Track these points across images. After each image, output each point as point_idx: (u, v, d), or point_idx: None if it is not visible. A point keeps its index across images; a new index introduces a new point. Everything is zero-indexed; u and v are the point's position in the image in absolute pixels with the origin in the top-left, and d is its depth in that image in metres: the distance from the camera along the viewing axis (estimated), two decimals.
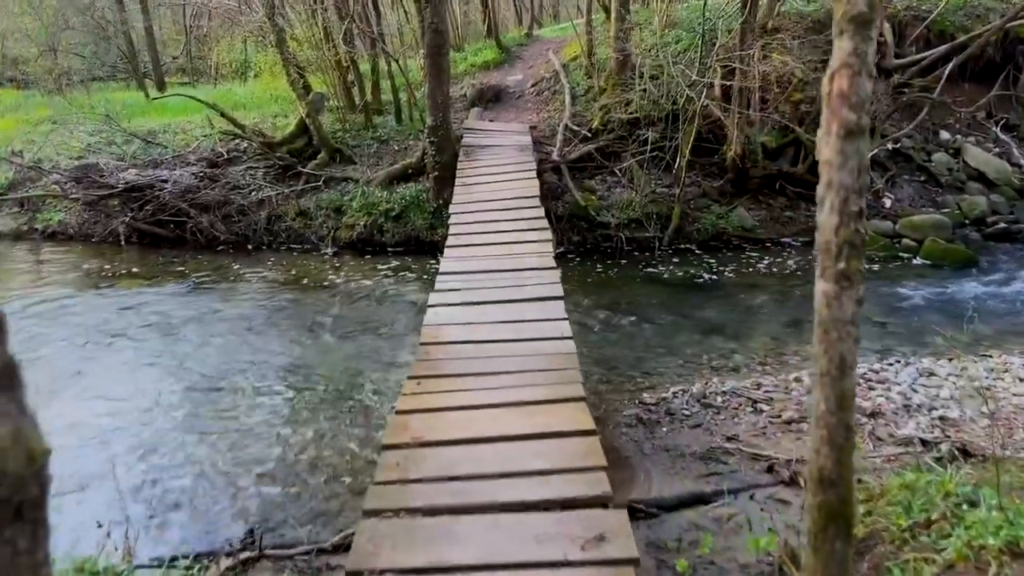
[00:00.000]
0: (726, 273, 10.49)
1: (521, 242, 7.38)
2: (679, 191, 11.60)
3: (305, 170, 12.67)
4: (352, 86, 14.26)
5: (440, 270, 7.10)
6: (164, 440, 6.03)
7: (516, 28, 23.61)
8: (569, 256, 11.29)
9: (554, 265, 6.48)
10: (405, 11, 15.20)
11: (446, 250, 7.75)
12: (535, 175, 9.98)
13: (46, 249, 12.19)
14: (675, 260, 11.10)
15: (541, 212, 8.39)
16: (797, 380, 6.65)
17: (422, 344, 5.32)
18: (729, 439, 5.47)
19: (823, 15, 14.51)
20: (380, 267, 10.94)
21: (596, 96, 13.43)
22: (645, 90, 12.15)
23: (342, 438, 5.98)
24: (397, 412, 4.26)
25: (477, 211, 8.75)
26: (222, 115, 12.78)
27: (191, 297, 9.79)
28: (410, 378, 4.72)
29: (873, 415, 5.68)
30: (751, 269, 10.60)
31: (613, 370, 7.25)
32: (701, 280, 10.24)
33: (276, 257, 11.55)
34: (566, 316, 5.63)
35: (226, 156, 13.22)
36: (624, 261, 11.08)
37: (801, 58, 12.50)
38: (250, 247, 11.93)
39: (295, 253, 11.75)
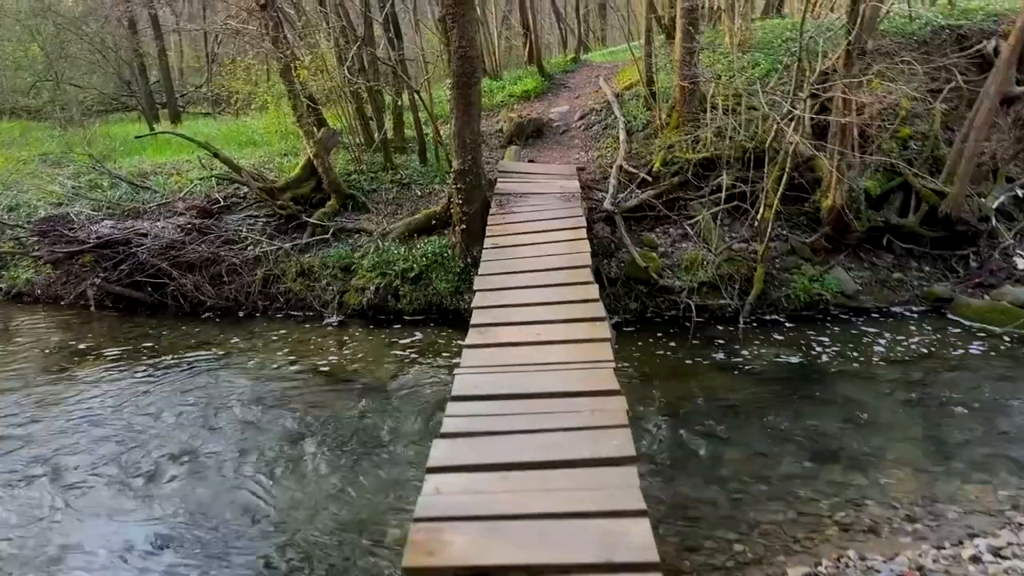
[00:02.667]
0: (828, 357, 8.56)
1: (567, 340, 5.57)
2: (762, 248, 9.71)
3: (311, 220, 11.14)
4: (370, 120, 12.75)
5: (458, 369, 5.36)
6: None
7: (561, 54, 22.08)
8: (625, 329, 9.47)
9: (617, 388, 4.65)
10: (432, 32, 13.68)
11: (468, 336, 6.01)
12: (584, 234, 8.23)
13: (8, 314, 10.79)
14: (759, 336, 9.20)
15: (594, 290, 6.61)
16: (974, 559, 4.71)
17: (415, 521, 3.54)
18: None
19: (928, 34, 12.62)
20: (393, 343, 9.29)
21: (657, 132, 11.68)
22: (719, 125, 10.34)
23: None
24: None
25: (509, 285, 7.03)
26: (215, 156, 11.35)
27: (157, 389, 8.21)
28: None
29: None
30: (860, 352, 8.64)
31: (694, 525, 5.39)
32: (797, 367, 8.32)
33: (270, 327, 9.98)
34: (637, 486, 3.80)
35: (222, 203, 11.80)
36: (694, 338, 9.19)
37: (906, 86, 10.62)
38: (241, 314, 10.40)
39: (294, 322, 10.16)
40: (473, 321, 6.12)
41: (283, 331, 9.84)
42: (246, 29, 11.23)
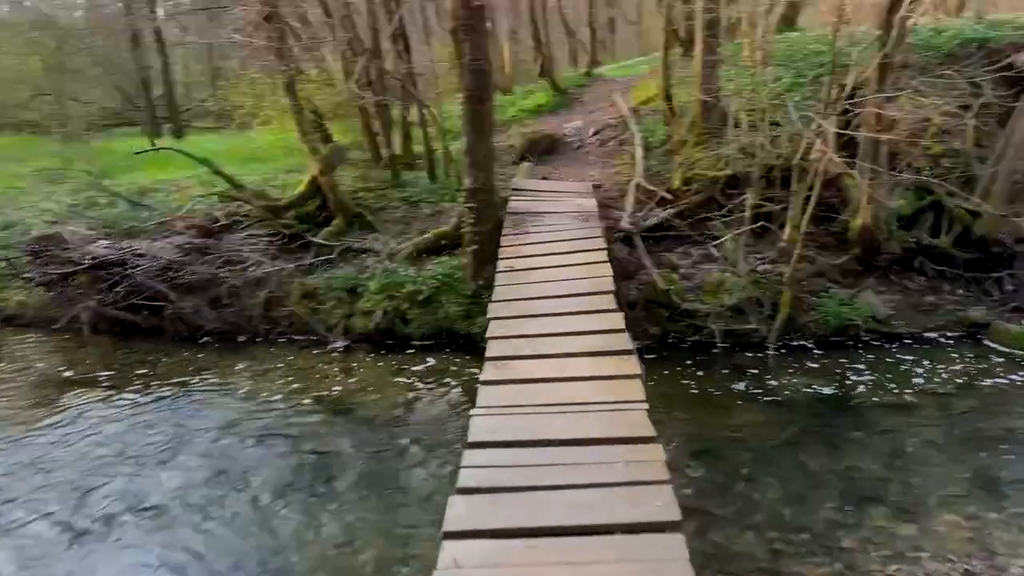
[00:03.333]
0: (864, 388, 8.13)
1: (593, 377, 5.16)
2: (790, 271, 9.30)
3: (316, 240, 10.78)
4: (377, 136, 12.42)
5: (475, 410, 4.95)
6: None
7: (572, 68, 21.77)
8: (646, 356, 9.04)
9: (653, 434, 4.24)
10: (442, 45, 13.37)
11: (484, 371, 5.61)
12: (605, 256, 7.84)
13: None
14: (789, 365, 8.78)
15: (620, 319, 6.21)
16: None
17: None
18: None
19: (956, 47, 12.24)
20: (402, 370, 8.91)
21: (676, 148, 11.30)
22: (743, 142, 9.96)
23: None
24: None
25: (526, 312, 6.66)
26: (217, 173, 11.02)
27: (148, 421, 7.82)
28: None
29: None
30: (897, 382, 8.21)
31: None
32: (831, 399, 7.89)
33: (272, 353, 9.60)
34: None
35: (224, 222, 11.44)
36: (720, 366, 8.78)
37: (935, 100, 10.23)
38: (242, 338, 10.02)
39: (297, 347, 9.78)
40: (489, 353, 5.72)
41: (286, 357, 9.46)
42: (250, 43, 10.87)
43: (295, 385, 8.65)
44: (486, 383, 5.18)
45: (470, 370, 8.63)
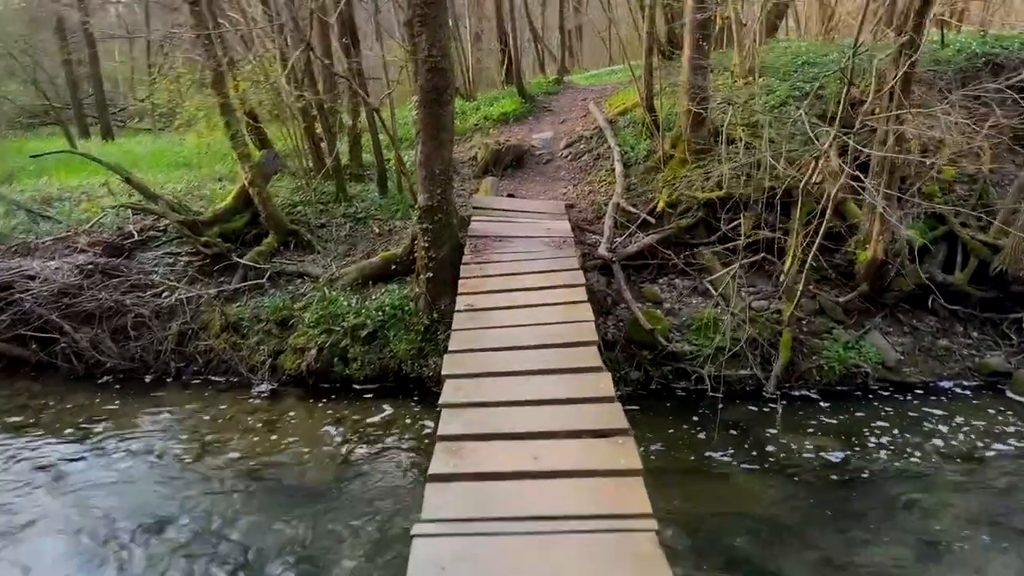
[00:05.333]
0: (879, 451, 7.07)
1: (582, 472, 3.93)
2: (790, 310, 8.22)
3: (243, 261, 9.40)
4: (322, 142, 11.10)
5: (418, 526, 3.66)
6: None
7: (540, 76, 20.66)
8: (628, 407, 7.85)
9: (649, 513, 3.02)
10: (396, 43, 12.09)
11: (434, 459, 4.34)
12: (585, 294, 6.66)
13: None
14: (792, 419, 7.69)
15: (607, 383, 5.01)
16: None
17: None
18: None
19: (964, 62, 11.38)
20: (339, 421, 7.64)
21: (659, 164, 10.20)
22: (737, 160, 8.90)
23: None
24: None
25: (490, 369, 5.42)
26: (127, 180, 9.59)
27: (20, 483, 6.39)
28: None
29: None
30: (915, 443, 7.19)
31: None
32: (842, 466, 6.82)
33: (183, 397, 8.24)
34: None
35: (137, 237, 9.99)
36: (712, 420, 7.64)
37: (946, 119, 9.31)
38: (149, 378, 8.62)
39: (214, 390, 8.42)
40: (442, 430, 4.46)
41: (199, 402, 8.11)
42: (175, 34, 9.52)
43: (208, 437, 7.34)
44: (437, 479, 3.91)
45: (423, 423, 7.40)
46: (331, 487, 6.37)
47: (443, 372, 5.29)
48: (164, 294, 9.06)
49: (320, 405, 8.00)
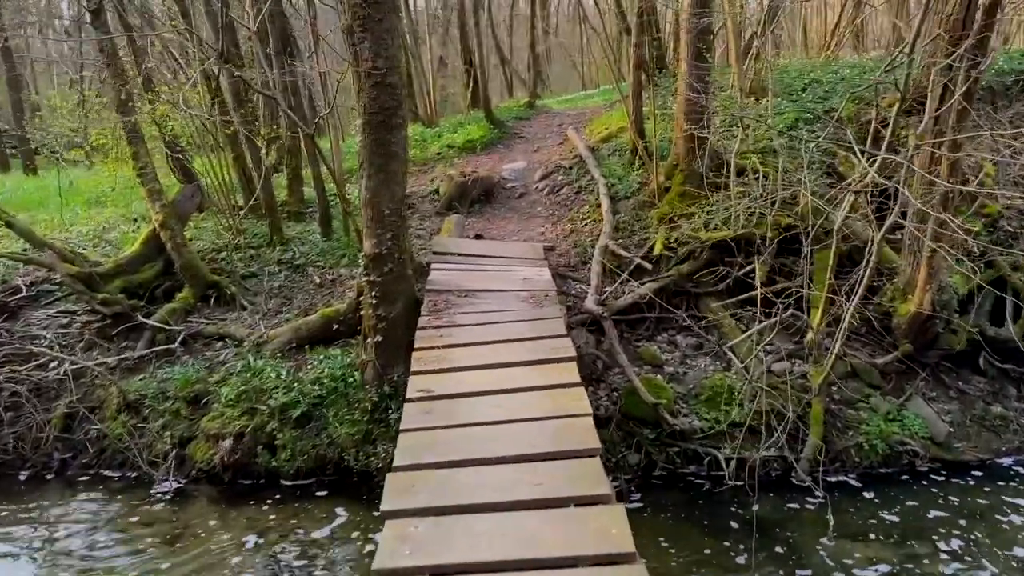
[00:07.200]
0: (939, 556, 5.69)
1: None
2: (822, 378, 6.83)
3: (149, 322, 7.79)
4: (254, 175, 9.58)
5: None
6: None
7: (509, 100, 19.42)
8: (628, 504, 6.36)
9: None
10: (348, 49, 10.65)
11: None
12: (577, 373, 5.17)
13: None
14: (836, 517, 6.13)
15: (620, 518, 3.52)
16: None
17: None
18: None
19: (993, 79, 10.19)
20: (266, 531, 6.03)
21: (654, 198, 8.82)
22: (752, 191, 7.56)
23: None
24: None
25: (449, 501, 3.82)
26: (7, 224, 7.97)
27: None
28: None
29: None
30: (983, 548, 5.81)
31: None
32: None
33: (65, 500, 6.63)
34: None
35: (27, 292, 8.36)
36: (731, 519, 6.20)
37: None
38: (25, 474, 6.96)
39: (106, 490, 6.79)
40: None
41: (84, 508, 6.50)
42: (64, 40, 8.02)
43: (83, 562, 5.64)
44: None
45: (372, 532, 5.83)
46: None
47: (383, 505, 3.75)
48: (52, 365, 7.42)
49: (236, 509, 6.40)
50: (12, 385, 7.16)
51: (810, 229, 6.62)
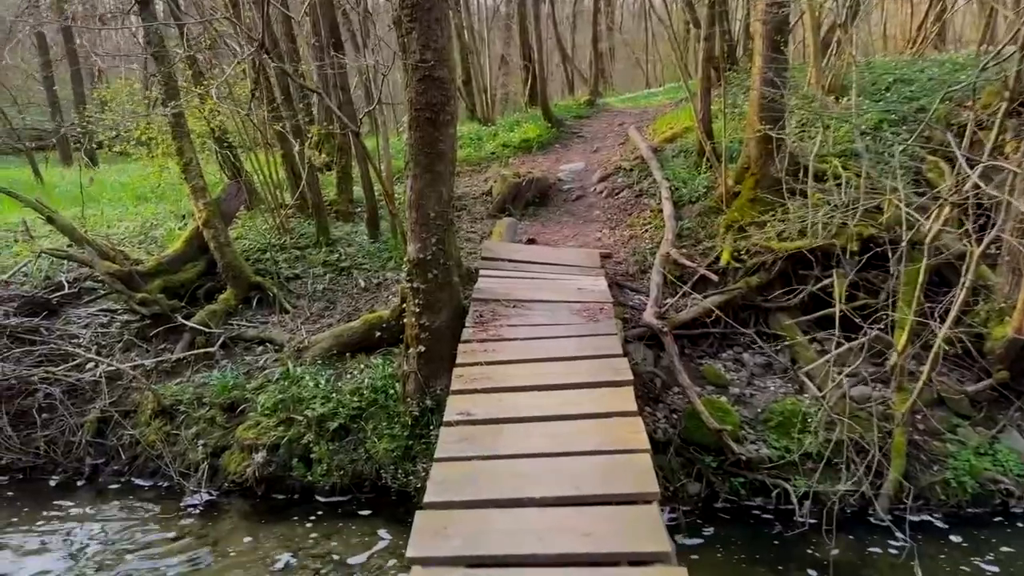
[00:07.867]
0: None
1: None
2: (909, 403, 6.23)
3: (189, 323, 7.57)
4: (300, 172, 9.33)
5: None
6: None
7: (570, 98, 18.93)
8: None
9: None
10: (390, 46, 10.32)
11: None
12: (633, 401, 4.69)
13: None
14: (920, 567, 5.51)
15: (664, 541, 3.02)
16: None
17: None
18: None
19: None
20: (299, 552, 5.69)
21: (721, 204, 8.26)
22: (833, 198, 6.95)
23: None
24: None
25: (482, 551, 3.38)
26: (49, 220, 7.86)
27: None
28: None
29: None
30: None
31: None
32: None
33: (94, 508, 6.41)
34: None
35: (69, 290, 8.26)
36: (804, 562, 5.63)
37: None
38: (56, 479, 6.79)
39: (136, 498, 6.56)
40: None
41: (113, 517, 6.23)
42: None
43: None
44: None
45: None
46: None
47: (410, 550, 3.33)
48: (88, 367, 7.25)
49: (268, 525, 6.09)
50: (47, 387, 7.01)
51: (902, 241, 5.99)
